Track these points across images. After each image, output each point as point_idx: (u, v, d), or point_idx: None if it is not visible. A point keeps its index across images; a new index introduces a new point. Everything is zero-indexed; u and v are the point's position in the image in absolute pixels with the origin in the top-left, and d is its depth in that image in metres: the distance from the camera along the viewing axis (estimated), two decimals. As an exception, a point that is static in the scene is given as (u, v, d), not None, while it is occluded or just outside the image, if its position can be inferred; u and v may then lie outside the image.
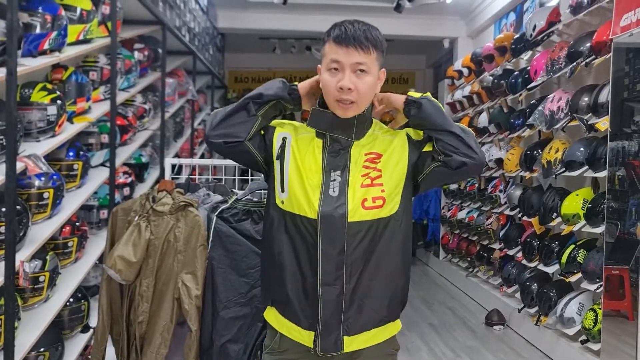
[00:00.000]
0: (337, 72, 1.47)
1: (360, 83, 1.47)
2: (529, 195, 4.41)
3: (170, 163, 2.55)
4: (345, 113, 1.50)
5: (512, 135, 4.93)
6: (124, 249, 2.14)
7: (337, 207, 1.46)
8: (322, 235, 1.45)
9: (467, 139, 1.48)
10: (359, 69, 1.46)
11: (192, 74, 5.83)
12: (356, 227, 1.46)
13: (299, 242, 1.49)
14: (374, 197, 1.49)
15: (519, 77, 4.82)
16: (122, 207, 2.29)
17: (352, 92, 1.47)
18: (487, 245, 5.46)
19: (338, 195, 1.48)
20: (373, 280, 1.49)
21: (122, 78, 3.74)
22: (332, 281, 1.45)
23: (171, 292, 2.14)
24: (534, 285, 4.23)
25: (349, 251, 1.46)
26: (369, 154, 1.54)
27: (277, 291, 1.52)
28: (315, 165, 1.52)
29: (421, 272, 7.18)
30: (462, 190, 6.20)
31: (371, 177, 1.50)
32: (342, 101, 1.48)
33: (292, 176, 1.51)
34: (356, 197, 1.48)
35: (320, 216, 1.45)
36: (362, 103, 1.50)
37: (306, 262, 1.48)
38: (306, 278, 1.48)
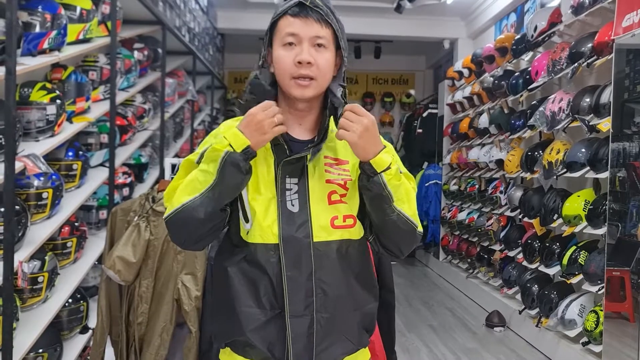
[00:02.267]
0: (293, 47, 1.31)
1: (320, 58, 1.31)
2: (530, 196, 4.41)
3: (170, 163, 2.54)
4: (303, 92, 1.31)
5: (512, 136, 4.92)
6: (123, 249, 2.13)
7: (299, 226, 1.31)
8: (286, 260, 1.29)
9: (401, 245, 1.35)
10: (318, 42, 1.31)
11: (192, 74, 5.83)
12: (324, 247, 1.31)
13: (256, 271, 1.31)
14: (346, 214, 1.34)
15: (520, 78, 4.81)
16: (121, 208, 2.29)
17: (312, 67, 1.30)
18: (487, 246, 5.45)
19: (299, 212, 1.32)
20: (346, 306, 1.34)
21: (122, 78, 3.73)
22: (302, 311, 1.30)
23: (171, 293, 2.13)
24: (535, 287, 4.22)
25: (317, 275, 1.31)
26: (328, 157, 1.36)
27: (232, 331, 1.33)
28: (268, 174, 1.34)
29: (421, 274, 7.17)
30: (463, 191, 6.19)
31: (339, 193, 1.34)
32: (301, 77, 1.30)
33: (252, 199, 1.33)
34: (322, 213, 1.32)
35: (282, 240, 1.30)
36: (322, 81, 1.32)
37: (266, 293, 1.30)
38: (267, 312, 1.30)
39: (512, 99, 5.12)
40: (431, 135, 7.68)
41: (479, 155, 5.69)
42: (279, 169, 1.33)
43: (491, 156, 5.35)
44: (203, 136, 6.81)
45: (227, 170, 1.24)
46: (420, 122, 8.05)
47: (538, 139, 4.64)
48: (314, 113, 1.39)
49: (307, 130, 1.39)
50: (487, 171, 5.60)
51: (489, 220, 5.40)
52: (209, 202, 1.26)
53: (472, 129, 5.99)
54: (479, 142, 5.86)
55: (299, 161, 1.33)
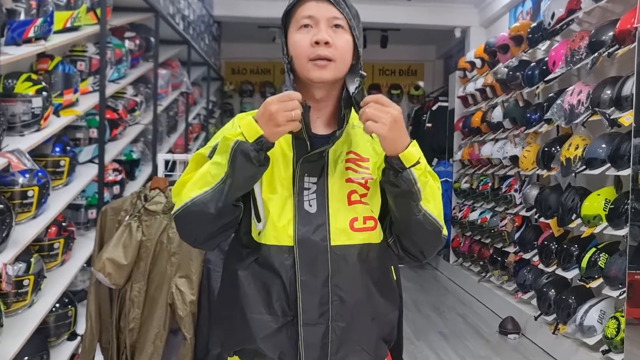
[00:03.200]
0: (309, 29, 1.31)
1: (339, 39, 1.30)
2: (547, 195, 4.40)
3: (163, 159, 2.54)
4: (321, 74, 1.30)
5: (528, 130, 4.92)
6: (114, 251, 2.14)
7: (316, 228, 1.30)
8: (301, 264, 1.28)
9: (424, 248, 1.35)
10: (336, 23, 1.31)
11: (186, 64, 5.83)
12: (342, 252, 1.30)
13: (268, 275, 1.30)
14: (366, 216, 1.33)
15: (536, 68, 4.80)
16: (111, 207, 2.29)
17: (330, 48, 1.29)
18: (501, 248, 5.45)
19: (316, 212, 1.30)
20: (363, 315, 1.32)
21: (112, 69, 3.74)
22: (316, 319, 1.28)
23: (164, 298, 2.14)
24: (552, 292, 4.22)
25: (334, 281, 1.29)
26: (350, 152, 1.35)
27: (240, 339, 1.32)
28: (286, 170, 1.33)
29: (430, 277, 7.17)
30: (475, 189, 6.19)
31: (359, 193, 1.33)
32: (319, 58, 1.29)
33: (267, 197, 1.32)
34: (341, 215, 1.31)
35: (297, 242, 1.29)
36: (341, 64, 1.31)
37: (279, 299, 1.29)
38: (279, 319, 1.29)
39: (528, 91, 5.11)
40: (441, 130, 7.68)
41: (492, 151, 5.68)
42: (298, 166, 1.32)
43: (505, 152, 5.34)
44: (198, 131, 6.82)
45: (238, 161, 1.23)
46: (429, 116, 8.05)
47: (555, 133, 4.64)
48: (332, 104, 1.37)
49: (325, 124, 1.37)
50: (501, 168, 5.59)
51: (502, 220, 5.40)
52: (220, 196, 1.24)
53: (485, 123, 5.98)
54: (492, 137, 5.85)
55: (319, 159, 1.32)
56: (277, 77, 9.71)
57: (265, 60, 9.66)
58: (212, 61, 7.61)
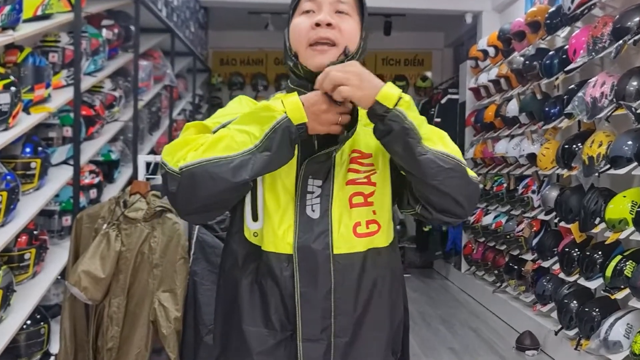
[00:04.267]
0: (311, 14, 1.32)
1: (343, 23, 1.32)
2: (567, 196, 4.41)
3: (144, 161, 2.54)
4: (321, 61, 1.30)
5: (547, 126, 4.92)
6: (90, 262, 2.14)
7: (318, 236, 1.29)
8: (301, 275, 1.28)
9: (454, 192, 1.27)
10: (339, 9, 1.32)
11: (170, 55, 5.82)
12: (345, 261, 1.29)
13: (267, 285, 1.30)
14: (368, 220, 1.33)
15: (555, 57, 4.81)
16: (87, 213, 2.29)
17: (334, 30, 1.30)
18: (517, 255, 5.45)
19: (319, 218, 1.30)
20: (369, 328, 1.32)
21: (88, 60, 3.73)
22: (317, 335, 1.28)
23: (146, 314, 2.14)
24: (574, 303, 4.22)
25: (337, 294, 1.29)
26: (353, 151, 1.35)
27: (235, 353, 1.32)
28: (289, 171, 1.32)
29: (440, 288, 7.17)
30: (488, 191, 6.20)
31: (364, 193, 1.33)
32: (319, 42, 1.30)
33: (268, 197, 1.32)
34: (344, 221, 1.31)
35: (297, 251, 1.28)
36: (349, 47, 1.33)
37: (277, 311, 1.30)
38: (277, 333, 1.30)
39: (546, 83, 5.12)
40: (451, 125, 7.67)
41: (508, 148, 5.69)
42: (303, 167, 1.31)
43: (522, 150, 5.34)
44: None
45: (279, 137, 1.22)
46: (438, 110, 8.05)
47: (577, 129, 4.64)
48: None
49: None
50: (517, 167, 5.60)
51: (519, 225, 5.40)
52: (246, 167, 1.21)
53: (499, 117, 5.99)
54: (507, 134, 5.85)
55: (326, 160, 1.32)
56: (269, 67, 9.71)
57: (256, 49, 9.66)
58: (199, 51, 7.60)
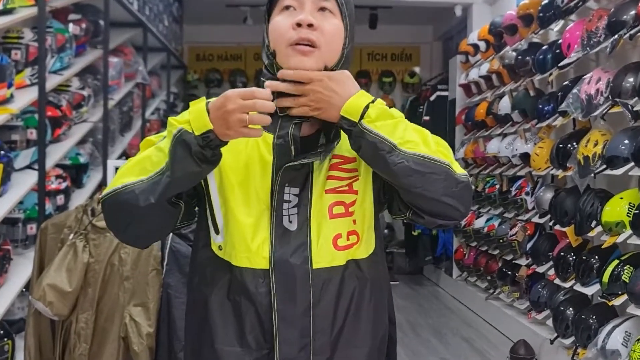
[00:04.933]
0: (292, 12, 1.31)
1: (327, 24, 1.30)
2: (562, 198, 4.43)
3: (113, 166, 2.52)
4: (302, 61, 1.28)
5: (540, 124, 4.95)
6: (56, 275, 2.13)
7: (296, 249, 1.28)
8: (278, 291, 1.27)
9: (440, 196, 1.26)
10: (323, 6, 1.30)
11: (142, 51, 5.80)
12: (325, 275, 1.29)
13: (241, 302, 1.29)
14: (349, 231, 1.32)
15: (549, 52, 4.84)
16: (52, 223, 2.29)
17: (315, 31, 1.28)
18: (511, 261, 5.48)
19: (297, 230, 1.29)
20: (351, 344, 1.32)
21: (54, 58, 3.71)
22: (295, 354, 1.28)
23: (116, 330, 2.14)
24: (570, 310, 4.25)
25: (317, 310, 1.29)
26: (336, 156, 1.34)
27: None
28: (263, 178, 1.31)
29: (430, 295, 7.19)
30: (480, 192, 6.23)
31: (345, 202, 1.32)
32: (300, 42, 1.28)
33: (238, 209, 1.30)
34: (324, 232, 1.30)
35: (273, 265, 1.28)
36: (327, 52, 1.30)
37: (253, 330, 1.29)
38: (252, 352, 1.29)
39: (540, 79, 5.15)
40: (440, 124, 7.70)
41: (500, 148, 5.72)
42: (278, 175, 1.30)
43: (514, 149, 5.37)
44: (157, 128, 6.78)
45: (178, 153, 1.21)
46: (427, 108, 8.08)
47: (571, 127, 4.67)
48: None
49: (312, 124, 1.35)
50: (510, 168, 5.63)
51: (512, 228, 5.43)
52: (155, 189, 1.22)
53: (491, 115, 6.02)
54: (499, 132, 5.88)
55: (303, 167, 1.30)
56: (248, 64, 9.70)
57: (234, 44, 9.64)
58: (173, 46, 7.57)
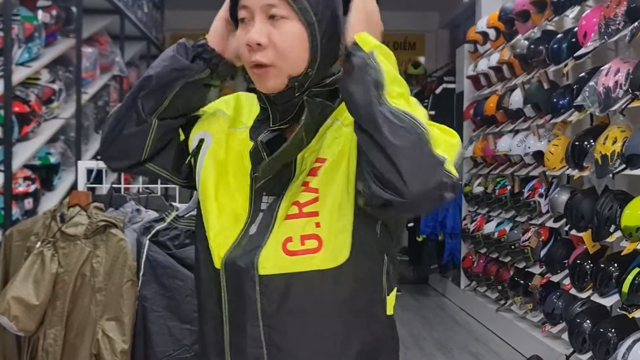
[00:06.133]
0: (247, 24, 1.31)
1: (278, 35, 1.27)
2: (579, 201, 4.44)
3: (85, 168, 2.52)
4: (263, 85, 1.30)
5: (555, 120, 4.96)
6: (22, 287, 2.14)
7: (247, 252, 1.29)
8: (228, 296, 1.31)
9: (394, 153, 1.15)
10: (272, 13, 1.27)
11: (119, 40, 5.80)
12: (272, 283, 1.27)
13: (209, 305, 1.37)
14: (305, 235, 1.28)
15: (563, 41, 4.85)
16: (18, 230, 2.29)
17: (265, 50, 1.27)
18: (523, 269, 5.49)
19: (256, 233, 1.31)
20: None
21: (21, 48, 3.71)
22: None
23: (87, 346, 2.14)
24: (587, 323, 4.25)
25: (267, 321, 1.27)
26: (318, 160, 1.33)
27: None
28: (242, 192, 1.35)
29: (436, 306, 7.20)
30: (490, 194, 6.24)
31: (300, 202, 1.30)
32: (253, 66, 1.29)
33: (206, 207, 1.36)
34: (274, 235, 1.29)
35: (223, 266, 1.31)
36: (285, 66, 1.28)
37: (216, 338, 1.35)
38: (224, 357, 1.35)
39: (554, 70, 5.16)
40: (447, 119, 7.68)
41: (511, 145, 5.73)
42: (255, 183, 1.32)
43: (527, 147, 5.38)
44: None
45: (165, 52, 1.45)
46: (432, 101, 8.09)
47: (589, 123, 4.68)
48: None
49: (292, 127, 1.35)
50: (522, 167, 5.63)
51: (525, 233, 5.44)
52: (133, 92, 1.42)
53: (502, 110, 6.03)
54: (510, 128, 5.89)
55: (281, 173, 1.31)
56: (237, 53, 9.70)
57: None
58: (153, 35, 7.56)
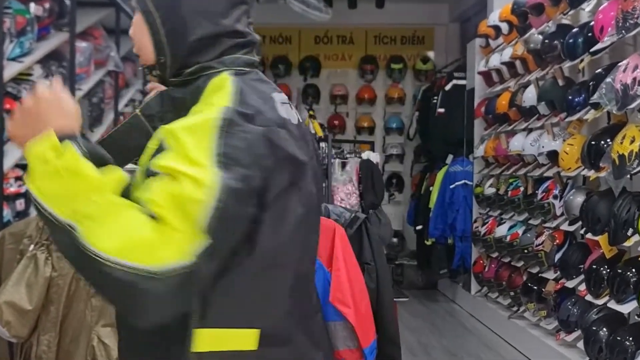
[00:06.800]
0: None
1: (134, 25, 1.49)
2: (595, 203, 4.44)
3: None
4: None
5: (570, 118, 4.96)
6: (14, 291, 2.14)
7: None
8: None
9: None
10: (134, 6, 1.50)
11: (114, 34, 5.80)
12: None
13: None
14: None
15: (579, 36, 4.85)
16: (11, 232, 2.30)
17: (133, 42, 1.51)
18: (537, 274, 5.49)
19: None
20: None
21: (13, 43, 3.71)
22: None
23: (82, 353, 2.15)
24: (603, 331, 4.25)
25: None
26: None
27: None
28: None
29: (445, 312, 7.20)
30: (502, 196, 6.24)
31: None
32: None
33: None
34: None
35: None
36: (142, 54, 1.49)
37: None
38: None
39: (569, 66, 5.16)
40: (457, 117, 7.72)
41: (524, 145, 5.73)
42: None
43: (541, 146, 5.38)
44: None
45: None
46: (441, 98, 8.08)
47: (605, 122, 4.68)
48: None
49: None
50: (536, 167, 5.64)
51: (538, 237, 5.44)
52: None
53: (514, 107, 6.03)
54: (523, 127, 5.90)
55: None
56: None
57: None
58: (151, 28, 7.54)
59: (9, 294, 2.13)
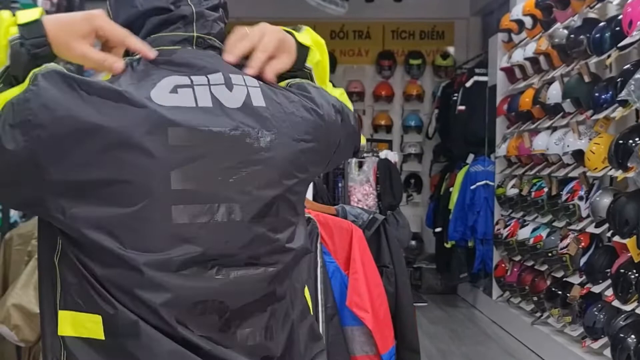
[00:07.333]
0: None
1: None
2: (622, 204, 4.42)
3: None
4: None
5: (597, 116, 4.94)
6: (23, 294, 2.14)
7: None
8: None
9: None
10: None
11: (124, 29, 5.82)
12: None
13: None
14: None
15: (607, 30, 4.83)
16: (19, 233, 2.30)
17: None
18: (561, 278, 5.47)
19: None
20: None
21: (20, 38, 3.73)
22: None
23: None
24: (631, 338, 4.24)
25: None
26: None
27: None
28: None
29: (465, 318, 7.18)
30: (525, 197, 6.22)
31: None
32: None
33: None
34: None
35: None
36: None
37: None
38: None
39: (596, 62, 5.14)
40: (478, 114, 7.71)
41: (549, 144, 5.71)
42: None
43: (566, 145, 5.36)
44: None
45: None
46: (462, 95, 8.07)
47: (634, 120, 4.66)
48: None
49: None
50: (561, 167, 5.62)
51: (563, 240, 5.42)
52: None
53: (538, 105, 6.01)
54: (548, 125, 5.88)
55: None
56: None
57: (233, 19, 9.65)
58: (161, 23, 7.58)
59: (17, 296, 2.13)
